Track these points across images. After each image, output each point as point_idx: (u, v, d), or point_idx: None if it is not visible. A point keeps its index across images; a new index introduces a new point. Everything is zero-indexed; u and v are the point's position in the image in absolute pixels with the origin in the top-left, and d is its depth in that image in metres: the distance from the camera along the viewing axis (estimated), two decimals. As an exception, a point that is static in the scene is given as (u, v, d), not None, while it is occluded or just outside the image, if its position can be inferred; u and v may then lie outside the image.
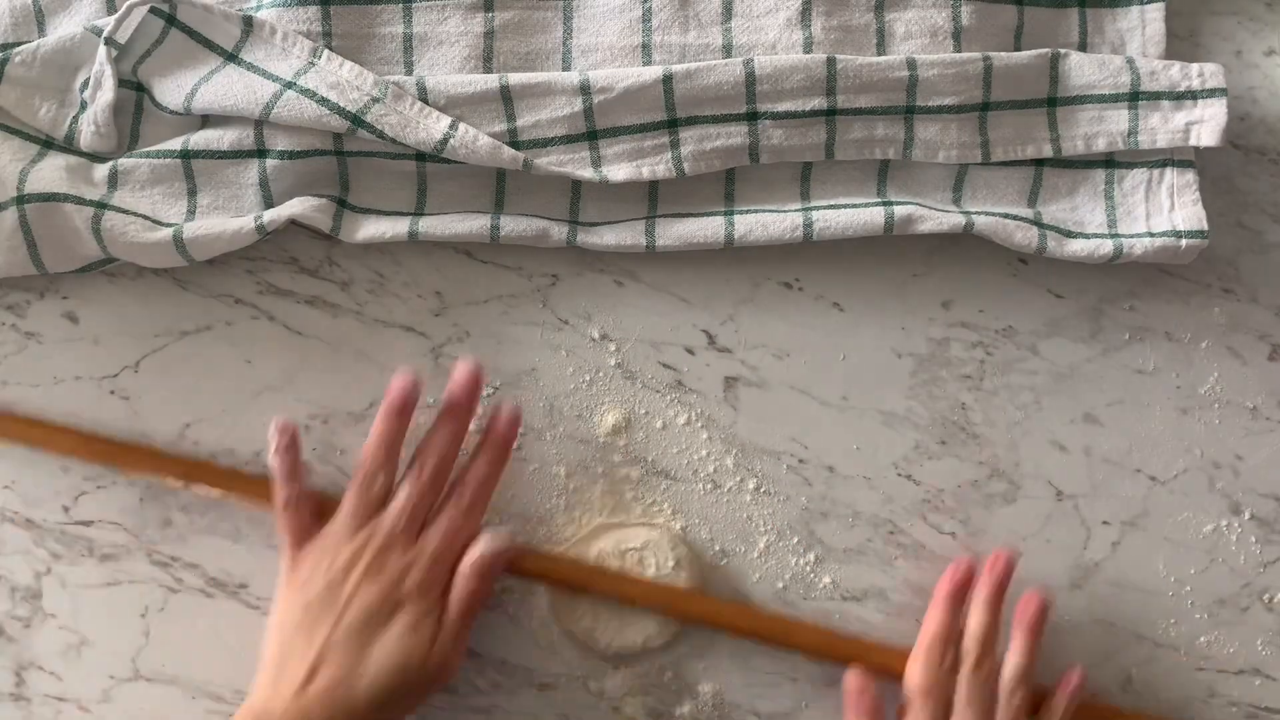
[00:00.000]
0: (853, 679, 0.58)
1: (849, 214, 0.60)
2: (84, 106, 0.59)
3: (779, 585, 0.62)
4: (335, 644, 0.54)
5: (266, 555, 0.61)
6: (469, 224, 0.60)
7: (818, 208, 0.60)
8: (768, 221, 0.60)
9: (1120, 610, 0.62)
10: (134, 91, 0.60)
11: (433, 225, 0.60)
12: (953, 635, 0.59)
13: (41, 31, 0.61)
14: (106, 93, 0.59)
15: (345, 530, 0.56)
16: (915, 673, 0.58)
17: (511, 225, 0.60)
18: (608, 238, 0.60)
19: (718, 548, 0.61)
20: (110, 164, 0.59)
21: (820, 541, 0.62)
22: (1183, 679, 0.62)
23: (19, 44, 0.60)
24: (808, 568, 0.62)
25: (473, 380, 0.57)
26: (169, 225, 0.59)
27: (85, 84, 0.59)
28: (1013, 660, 0.58)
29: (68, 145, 0.60)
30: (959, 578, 0.59)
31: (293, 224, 0.60)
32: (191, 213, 0.60)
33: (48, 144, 0.60)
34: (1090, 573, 0.62)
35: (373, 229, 0.60)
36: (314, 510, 0.57)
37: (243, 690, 0.61)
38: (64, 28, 0.60)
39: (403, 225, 0.60)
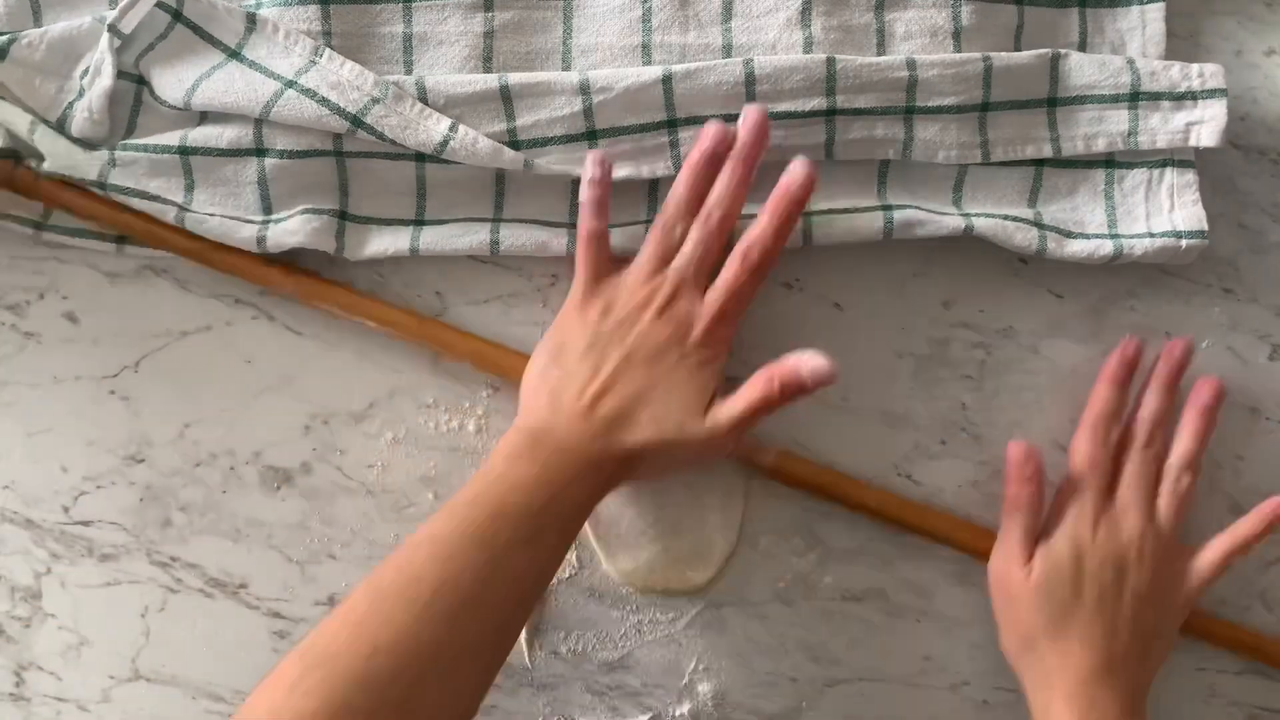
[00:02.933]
0: (1016, 449, 0.58)
1: (848, 219, 0.60)
2: (82, 93, 0.59)
3: (779, 585, 0.62)
4: (622, 374, 0.55)
5: (266, 555, 0.61)
6: (469, 239, 0.60)
7: (817, 212, 0.60)
8: (767, 225, 0.60)
9: (1120, 610, 0.62)
10: (134, 84, 0.60)
11: (433, 240, 0.60)
12: (1120, 412, 0.60)
13: (38, 21, 0.61)
14: (105, 80, 0.59)
15: (643, 271, 0.57)
16: (1082, 447, 0.59)
17: (511, 238, 0.60)
18: (608, 241, 0.60)
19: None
20: (108, 153, 0.59)
21: (820, 541, 0.62)
22: (1183, 679, 0.62)
23: (22, 30, 0.60)
24: (808, 568, 0.62)
25: (762, 127, 0.57)
26: (173, 205, 0.59)
27: (86, 72, 0.60)
28: (1183, 443, 0.59)
29: (59, 129, 0.60)
30: (1128, 356, 0.60)
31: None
32: (189, 208, 0.60)
33: (43, 124, 0.60)
34: (1090, 573, 0.62)
35: (375, 246, 0.60)
36: (610, 250, 0.58)
37: (243, 690, 0.61)
38: (70, 18, 0.60)
39: (404, 241, 0.60)
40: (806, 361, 0.55)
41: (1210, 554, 0.58)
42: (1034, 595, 0.56)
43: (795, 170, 0.56)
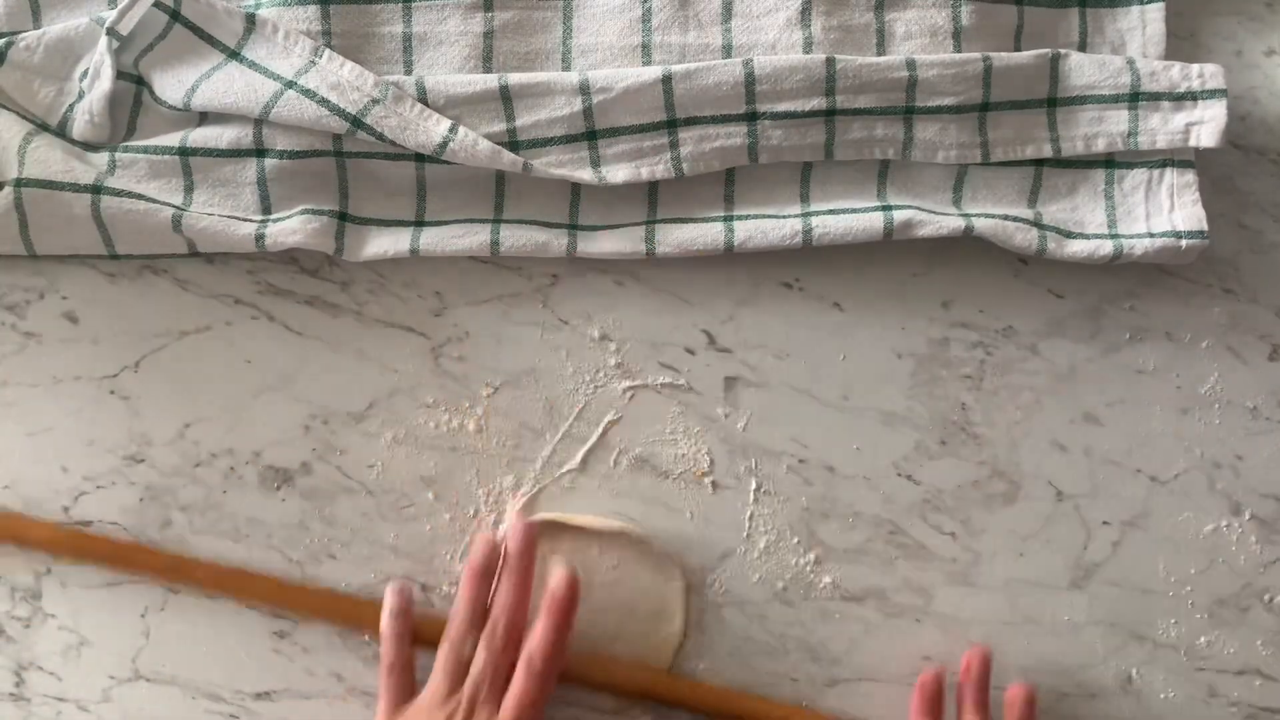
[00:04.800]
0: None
1: (848, 219, 0.60)
2: (82, 96, 0.59)
3: (779, 585, 0.62)
4: None
5: (266, 555, 0.61)
6: (469, 239, 0.60)
7: (817, 213, 0.60)
8: (767, 228, 0.60)
9: (1120, 610, 0.62)
10: (133, 84, 0.60)
11: (433, 241, 0.60)
12: None
13: (37, 22, 0.61)
14: (104, 83, 0.59)
15: (438, 696, 0.56)
16: None
17: (511, 239, 0.60)
18: (607, 245, 0.60)
19: (718, 548, 0.61)
20: (109, 155, 0.59)
21: (820, 541, 0.62)
22: (1183, 679, 0.62)
23: (19, 32, 0.60)
24: (808, 568, 0.62)
25: (528, 537, 0.58)
26: (170, 206, 0.58)
27: (85, 74, 0.60)
28: None
29: (60, 133, 0.60)
30: (930, 692, 0.59)
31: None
32: (187, 209, 0.60)
33: (43, 129, 0.60)
34: (1090, 573, 0.62)
35: (375, 247, 0.60)
36: (413, 679, 0.58)
37: (243, 690, 0.61)
38: (69, 18, 0.60)
39: (404, 242, 0.60)
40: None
41: None
42: None
43: (558, 578, 0.57)
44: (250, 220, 0.59)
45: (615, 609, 0.60)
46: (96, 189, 0.58)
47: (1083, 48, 0.62)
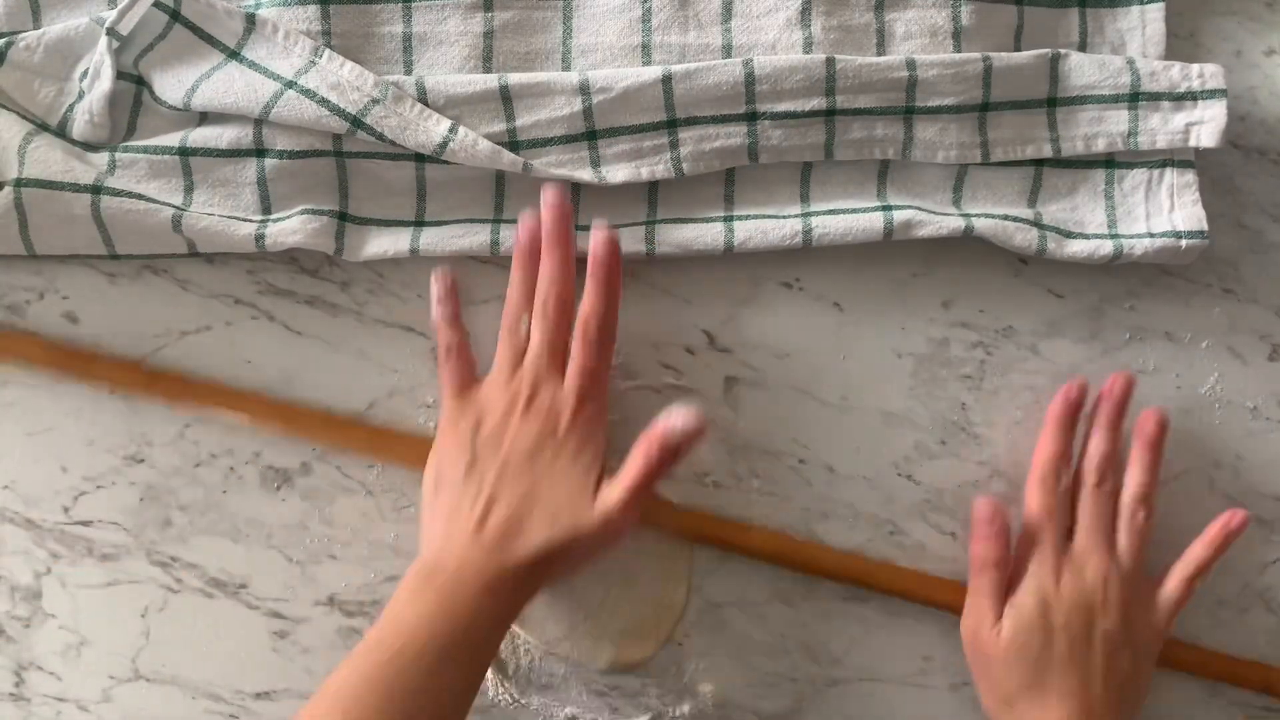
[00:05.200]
0: (982, 506, 0.58)
1: (848, 220, 0.60)
2: (82, 96, 0.59)
3: (779, 585, 0.62)
4: (503, 483, 0.54)
5: (266, 555, 0.61)
6: (469, 239, 0.60)
7: (817, 213, 0.60)
8: (767, 228, 0.60)
9: (1120, 610, 0.62)
10: (134, 84, 0.60)
11: (433, 241, 0.60)
12: (1069, 457, 0.59)
13: (37, 22, 0.61)
14: (104, 83, 0.59)
15: (501, 375, 0.57)
16: (1034, 497, 0.58)
17: (511, 239, 0.60)
18: (607, 244, 0.60)
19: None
20: (109, 155, 0.59)
21: (820, 541, 0.62)
22: (1182, 679, 0.62)
23: (18, 32, 0.60)
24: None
25: (560, 205, 0.58)
26: (170, 206, 0.58)
27: (85, 74, 0.60)
28: (1135, 478, 0.59)
29: (60, 133, 0.60)
30: (1071, 400, 0.59)
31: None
32: (187, 209, 0.60)
33: (43, 129, 0.60)
34: (1090, 573, 0.62)
35: (375, 247, 0.60)
36: (472, 360, 0.58)
37: (243, 690, 0.61)
38: (69, 18, 0.60)
39: (404, 242, 0.60)
40: (676, 419, 0.54)
41: (1172, 584, 0.58)
42: (1006, 654, 0.56)
43: (596, 237, 0.57)
44: (250, 220, 0.59)
45: (620, 573, 0.60)
46: (96, 189, 0.58)
47: (1083, 48, 0.63)
